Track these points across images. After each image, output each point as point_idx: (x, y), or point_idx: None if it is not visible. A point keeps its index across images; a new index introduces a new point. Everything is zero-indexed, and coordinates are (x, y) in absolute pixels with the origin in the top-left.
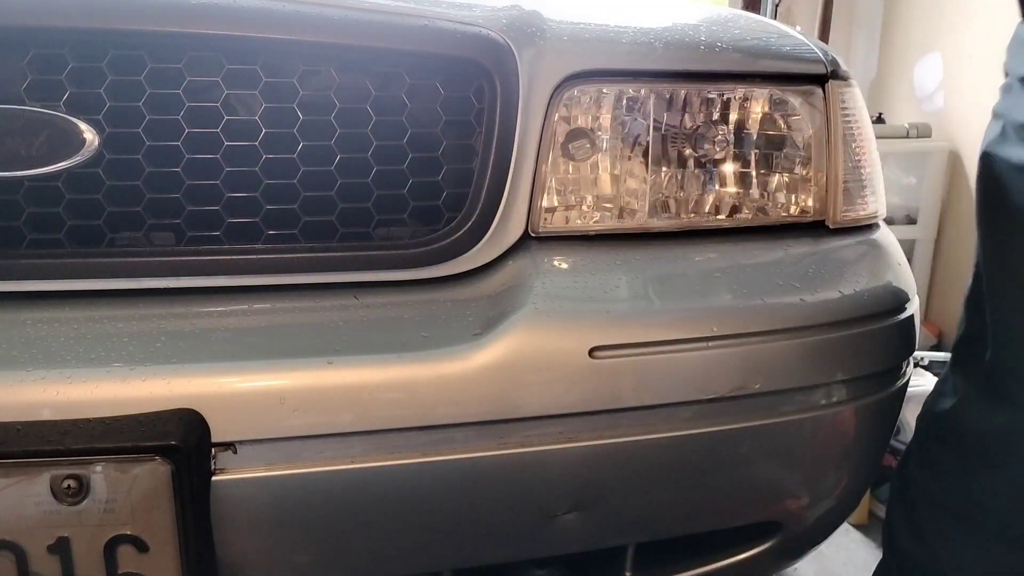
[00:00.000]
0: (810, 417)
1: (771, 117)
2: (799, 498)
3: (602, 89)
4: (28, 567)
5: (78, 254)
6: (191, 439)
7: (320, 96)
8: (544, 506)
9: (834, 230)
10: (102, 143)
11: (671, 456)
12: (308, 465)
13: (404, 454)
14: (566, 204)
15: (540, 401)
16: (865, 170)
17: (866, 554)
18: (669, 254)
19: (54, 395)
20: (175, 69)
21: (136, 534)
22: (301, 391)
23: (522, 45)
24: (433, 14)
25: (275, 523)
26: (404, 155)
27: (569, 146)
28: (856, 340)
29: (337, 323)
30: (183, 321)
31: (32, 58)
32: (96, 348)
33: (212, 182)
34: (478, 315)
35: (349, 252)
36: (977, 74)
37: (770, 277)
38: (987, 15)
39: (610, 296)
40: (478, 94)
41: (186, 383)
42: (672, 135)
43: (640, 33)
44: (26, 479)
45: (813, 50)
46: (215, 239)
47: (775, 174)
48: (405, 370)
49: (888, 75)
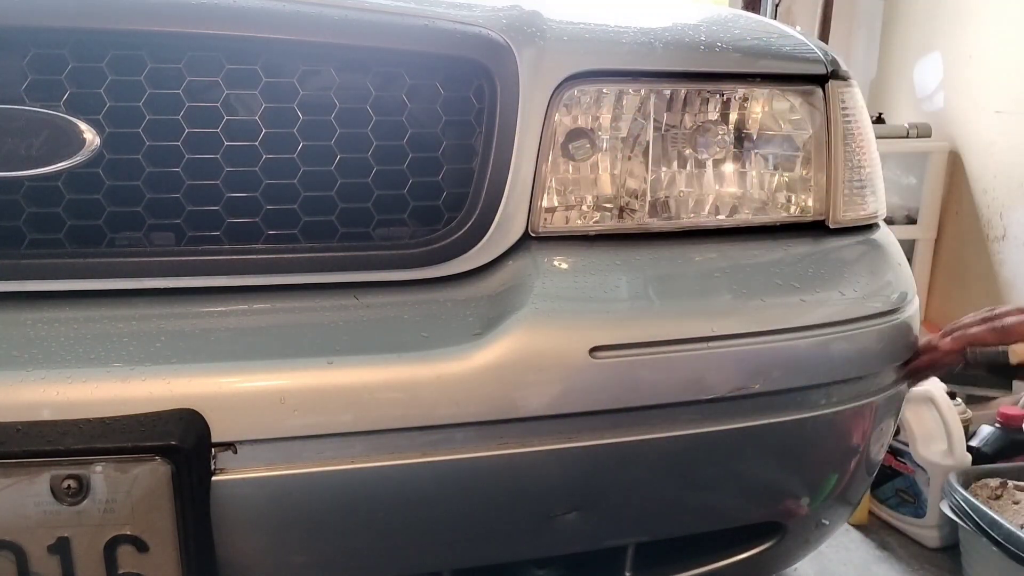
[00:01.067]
0: (810, 417)
1: (771, 117)
2: (799, 498)
3: (602, 89)
4: (28, 567)
5: (78, 254)
6: (191, 439)
7: (320, 96)
8: (544, 506)
9: (834, 230)
10: (102, 143)
11: (671, 456)
12: (308, 465)
13: (404, 454)
14: (566, 204)
15: (540, 401)
16: (865, 170)
17: (866, 554)
18: (669, 254)
19: (54, 395)
20: (175, 69)
21: (136, 534)
22: (301, 391)
23: (522, 45)
24: (433, 14)
25: (275, 523)
26: (404, 155)
27: (569, 146)
28: (856, 340)
29: (337, 323)
30: (183, 321)
31: (32, 58)
32: (96, 348)
33: (212, 182)
34: (478, 315)
35: (349, 252)
36: (977, 74)
37: (770, 277)
38: (987, 15)
39: (610, 296)
40: (478, 94)
41: (186, 383)
42: (672, 135)
43: (640, 33)
44: (26, 479)
45: (813, 50)
46: (215, 239)
47: (775, 174)
48: (405, 370)
49: (888, 75)
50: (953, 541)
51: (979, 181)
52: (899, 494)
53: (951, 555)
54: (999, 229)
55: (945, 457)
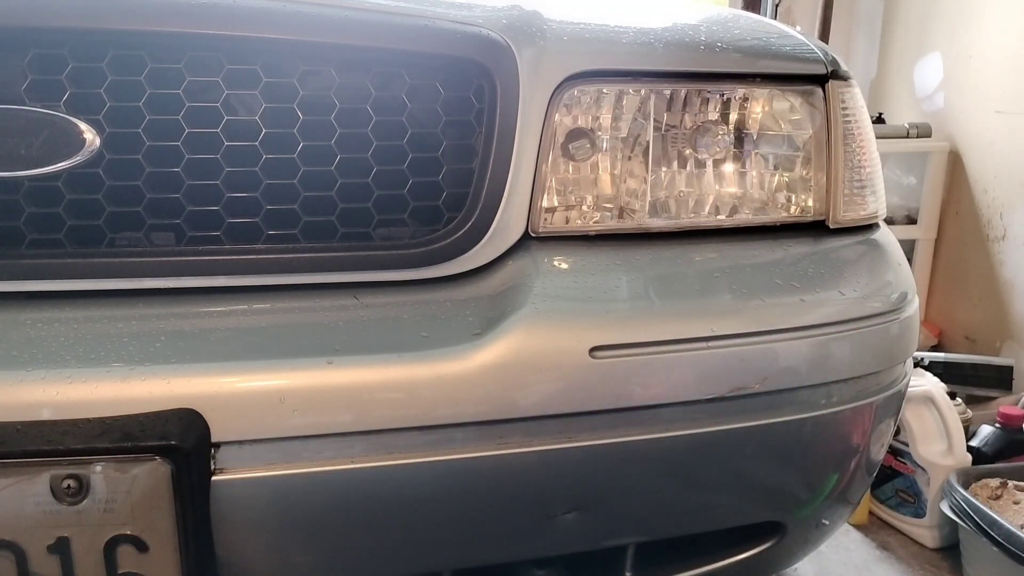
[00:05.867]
0: (810, 417)
1: (771, 117)
2: (799, 498)
3: (602, 89)
4: (28, 567)
5: (78, 254)
6: (191, 439)
7: (320, 96)
8: (544, 506)
9: (834, 230)
10: (102, 143)
11: (671, 456)
12: (308, 465)
13: (404, 454)
14: (566, 204)
15: (540, 401)
16: (865, 170)
17: (866, 554)
18: (669, 254)
19: (54, 395)
20: (175, 69)
21: (136, 534)
22: (301, 391)
23: (522, 45)
24: (433, 14)
25: (275, 523)
26: (404, 155)
27: (569, 146)
28: (856, 340)
29: (337, 323)
30: (183, 321)
31: (32, 58)
32: (96, 348)
33: (212, 182)
34: (478, 315)
35: (349, 252)
36: (977, 74)
37: (770, 277)
38: (987, 15)
39: (610, 296)
40: (478, 94)
41: (186, 383)
42: (672, 135)
43: (640, 33)
44: (26, 479)
45: (813, 50)
46: (215, 239)
47: (775, 174)
48: (405, 370)
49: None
50: (953, 541)
51: (979, 181)
52: (899, 494)
53: (951, 555)
54: (999, 229)
55: (945, 457)
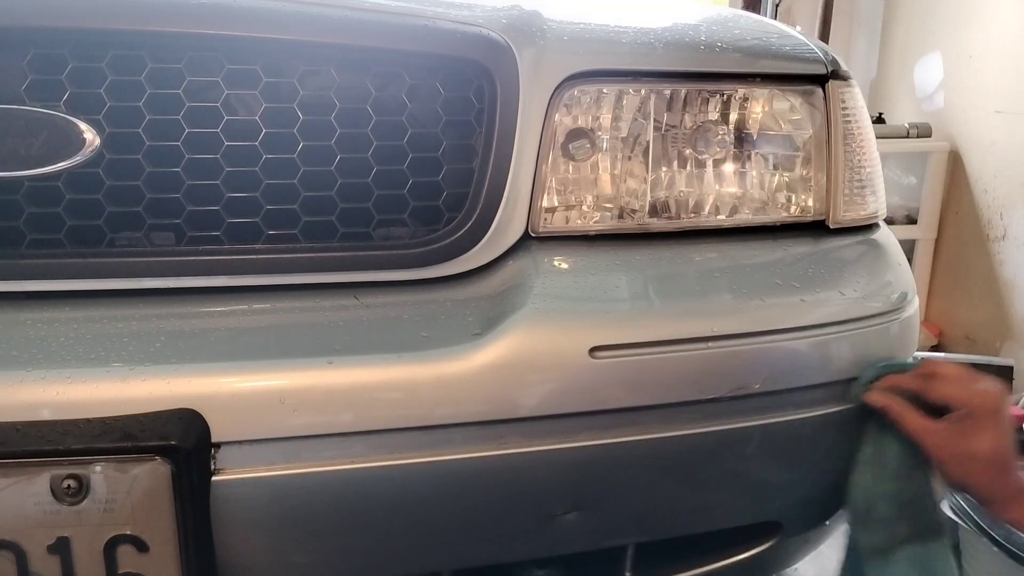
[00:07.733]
0: (810, 417)
1: (771, 117)
2: (799, 498)
3: (602, 89)
4: (28, 567)
5: (78, 254)
6: (191, 439)
7: (320, 96)
8: (544, 506)
9: (834, 230)
10: (102, 143)
11: (671, 456)
12: (308, 465)
13: (404, 454)
14: (566, 204)
15: (540, 401)
16: (865, 170)
17: None
18: (669, 254)
19: (54, 395)
20: (175, 69)
21: (136, 534)
22: (301, 391)
23: (522, 45)
24: (433, 14)
25: (275, 523)
26: (404, 155)
27: (569, 146)
28: (856, 340)
29: (337, 323)
30: (183, 321)
31: (32, 58)
32: (96, 348)
33: (212, 182)
34: (478, 315)
35: (349, 252)
36: (977, 74)
37: (770, 277)
38: (987, 15)
39: (610, 296)
40: (478, 94)
41: (186, 383)
42: (672, 135)
43: (640, 33)
44: (26, 479)
45: (813, 50)
46: (215, 239)
47: (775, 174)
48: (405, 370)
49: (888, 75)
50: (953, 541)
51: (979, 181)
52: None
53: None
54: (999, 229)
55: None
